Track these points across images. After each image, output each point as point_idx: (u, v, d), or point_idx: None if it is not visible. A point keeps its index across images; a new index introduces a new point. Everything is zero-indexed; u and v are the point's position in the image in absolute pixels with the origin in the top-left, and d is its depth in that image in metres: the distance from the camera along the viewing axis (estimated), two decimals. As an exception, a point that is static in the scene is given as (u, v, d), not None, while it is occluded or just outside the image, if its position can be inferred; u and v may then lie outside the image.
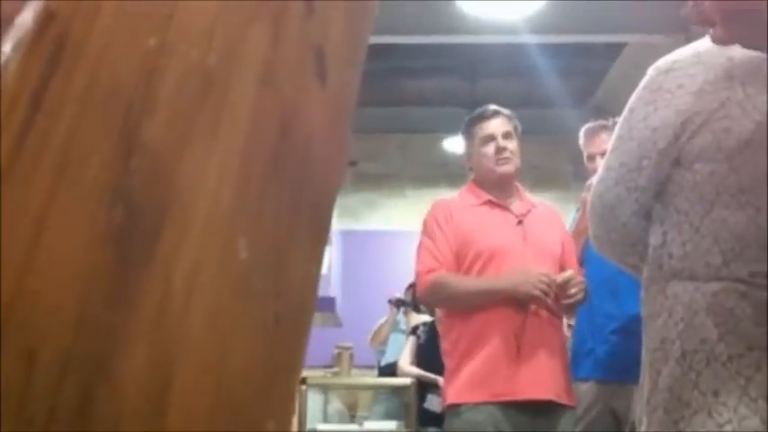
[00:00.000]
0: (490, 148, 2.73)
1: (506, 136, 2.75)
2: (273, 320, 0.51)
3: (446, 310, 2.78)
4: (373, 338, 5.76)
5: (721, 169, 1.23)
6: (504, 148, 2.72)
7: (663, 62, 1.36)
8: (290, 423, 0.58)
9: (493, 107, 2.84)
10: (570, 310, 2.72)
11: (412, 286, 5.48)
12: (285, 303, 0.54)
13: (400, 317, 5.61)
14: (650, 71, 1.37)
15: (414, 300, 4.92)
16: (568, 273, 2.58)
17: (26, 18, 0.36)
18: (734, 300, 1.19)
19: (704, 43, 1.34)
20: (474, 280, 2.59)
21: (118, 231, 0.39)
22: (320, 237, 0.65)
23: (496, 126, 2.76)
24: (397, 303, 5.56)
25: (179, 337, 0.41)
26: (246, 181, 0.52)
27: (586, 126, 3.24)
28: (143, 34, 0.42)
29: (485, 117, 2.79)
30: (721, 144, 1.23)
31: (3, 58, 0.35)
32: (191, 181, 0.45)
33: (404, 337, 5.24)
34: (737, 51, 1.27)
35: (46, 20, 0.37)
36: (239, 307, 0.47)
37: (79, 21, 0.39)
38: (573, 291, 2.56)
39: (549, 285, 2.49)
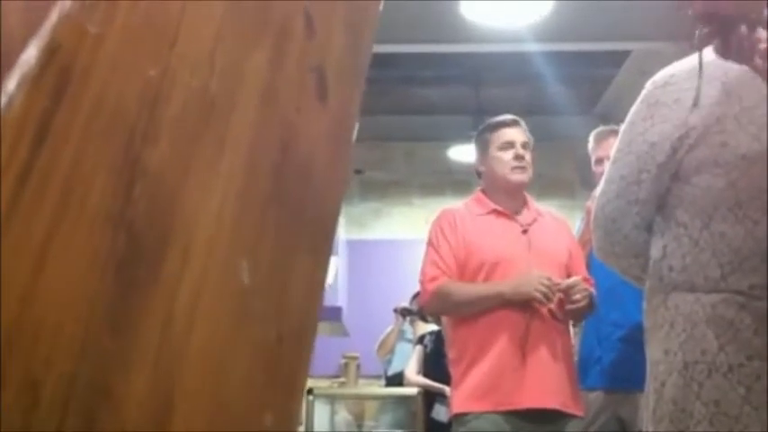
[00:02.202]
0: (509, 154, 2.71)
1: (525, 146, 2.75)
2: (276, 341, 0.52)
3: (451, 319, 2.78)
4: (380, 348, 5.75)
5: (719, 183, 1.24)
6: (523, 157, 2.71)
7: (660, 76, 1.37)
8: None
9: (512, 116, 2.83)
10: (576, 316, 2.70)
11: (418, 295, 5.46)
12: (288, 323, 0.55)
13: (406, 326, 5.60)
14: (648, 85, 1.38)
15: (420, 309, 4.91)
16: (573, 279, 2.57)
17: (30, 54, 0.37)
18: (733, 311, 1.19)
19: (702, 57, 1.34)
20: (475, 285, 2.59)
21: (120, 258, 0.40)
22: (322, 254, 0.66)
23: (516, 134, 2.75)
24: (403, 312, 5.55)
25: (181, 361, 0.42)
26: (248, 204, 0.52)
27: (596, 130, 3.25)
28: (145, 64, 0.43)
29: (506, 124, 2.78)
30: (718, 158, 1.23)
31: (7, 96, 0.36)
32: (193, 207, 0.46)
33: (410, 346, 5.23)
34: (734, 66, 1.28)
35: (51, 53, 0.38)
36: (241, 329, 0.48)
37: (84, 52, 0.40)
38: (577, 297, 2.55)
39: (549, 288, 2.48)
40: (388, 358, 5.73)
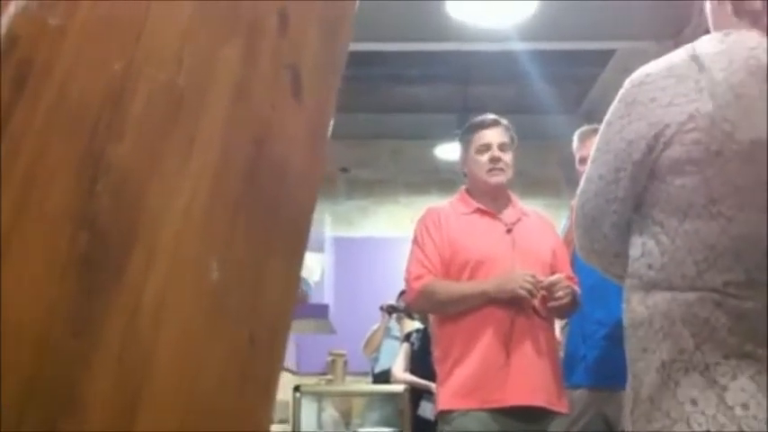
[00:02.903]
0: (485, 157, 2.73)
1: (502, 147, 2.76)
2: (248, 341, 0.51)
3: (436, 317, 2.78)
4: (366, 346, 5.75)
5: (693, 181, 1.24)
6: (499, 159, 2.72)
7: (636, 75, 1.37)
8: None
9: (492, 116, 2.84)
10: (559, 313, 2.71)
11: (404, 293, 5.45)
12: (260, 323, 0.54)
13: (392, 323, 5.60)
14: (626, 84, 1.38)
15: (406, 306, 4.91)
16: (555, 276, 2.57)
17: (-14, 46, 0.36)
18: (709, 309, 1.20)
19: (677, 55, 1.35)
20: (460, 284, 2.59)
21: (82, 257, 0.39)
22: (297, 253, 0.65)
23: (494, 136, 2.76)
24: (389, 310, 5.55)
25: (147, 362, 0.41)
26: (219, 201, 0.52)
27: (580, 130, 3.26)
28: (109, 58, 0.42)
29: (484, 125, 2.79)
30: (692, 156, 1.24)
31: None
32: (160, 203, 0.45)
33: (397, 343, 5.22)
34: (708, 64, 1.28)
35: (10, 44, 0.37)
36: (211, 328, 0.47)
37: (45, 44, 0.39)
38: (559, 294, 2.55)
39: (533, 285, 2.49)
40: (374, 356, 5.73)
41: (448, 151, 6.46)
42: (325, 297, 5.80)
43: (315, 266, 4.07)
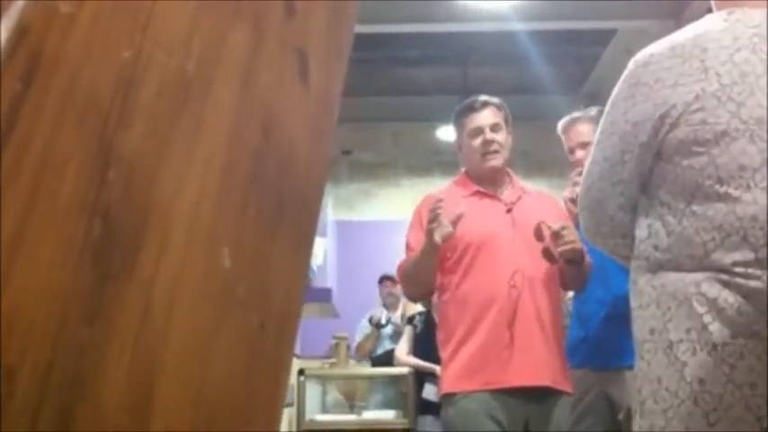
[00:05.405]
0: (477, 141, 2.73)
1: (494, 128, 2.74)
2: (258, 328, 0.51)
3: (440, 300, 2.79)
4: (358, 349, 5.84)
5: (700, 161, 1.24)
6: (492, 141, 2.71)
7: (641, 56, 1.37)
8: (277, 427, 0.58)
9: (483, 98, 2.82)
10: (574, 258, 2.66)
11: (383, 279, 5.65)
12: (270, 310, 0.54)
13: (387, 329, 5.69)
14: (629, 64, 1.38)
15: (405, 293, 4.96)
16: (560, 223, 2.57)
17: (-2, 36, 0.35)
18: (717, 289, 1.20)
19: (681, 35, 1.34)
20: (412, 254, 2.64)
21: (96, 246, 0.39)
22: (305, 239, 0.65)
23: (484, 118, 2.75)
24: (377, 326, 5.65)
25: (160, 351, 0.41)
26: (228, 188, 0.51)
27: (561, 122, 3.24)
28: (118, 46, 0.42)
29: (474, 109, 2.77)
30: (698, 136, 1.24)
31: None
32: (171, 191, 0.45)
33: (390, 342, 5.33)
34: (712, 43, 1.28)
35: (19, 36, 0.37)
36: (223, 317, 0.47)
37: (53, 35, 0.39)
38: (569, 238, 2.54)
39: (438, 209, 2.50)
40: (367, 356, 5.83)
41: (450, 133, 6.43)
42: (328, 281, 5.81)
43: (317, 250, 4.07)
